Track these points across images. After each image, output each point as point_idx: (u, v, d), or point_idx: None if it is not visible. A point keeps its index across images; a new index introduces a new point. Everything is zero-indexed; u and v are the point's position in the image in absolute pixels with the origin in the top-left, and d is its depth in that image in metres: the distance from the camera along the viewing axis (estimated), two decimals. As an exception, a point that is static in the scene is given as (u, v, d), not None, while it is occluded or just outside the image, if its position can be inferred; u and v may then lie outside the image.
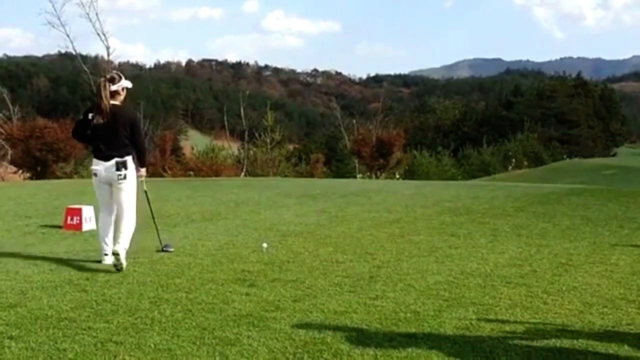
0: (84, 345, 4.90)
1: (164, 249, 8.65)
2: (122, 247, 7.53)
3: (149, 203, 8.62)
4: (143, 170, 8.22)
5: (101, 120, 7.58)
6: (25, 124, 32.35)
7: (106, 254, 7.79)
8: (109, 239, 7.82)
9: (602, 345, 5.11)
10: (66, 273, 7.31)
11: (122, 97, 7.78)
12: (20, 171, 31.98)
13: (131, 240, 7.78)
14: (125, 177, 7.68)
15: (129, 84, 7.83)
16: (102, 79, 7.82)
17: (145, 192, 8.46)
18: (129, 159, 7.74)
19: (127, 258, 7.58)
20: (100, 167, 7.71)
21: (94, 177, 7.86)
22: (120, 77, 7.78)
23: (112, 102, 7.59)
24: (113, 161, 7.65)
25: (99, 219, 8.08)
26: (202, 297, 6.33)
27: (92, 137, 7.73)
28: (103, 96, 7.54)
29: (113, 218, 7.87)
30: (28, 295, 6.30)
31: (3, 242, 9.40)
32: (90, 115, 7.65)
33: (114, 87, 7.63)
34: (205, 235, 10.01)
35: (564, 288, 6.91)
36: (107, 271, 7.40)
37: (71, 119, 33.01)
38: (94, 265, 7.72)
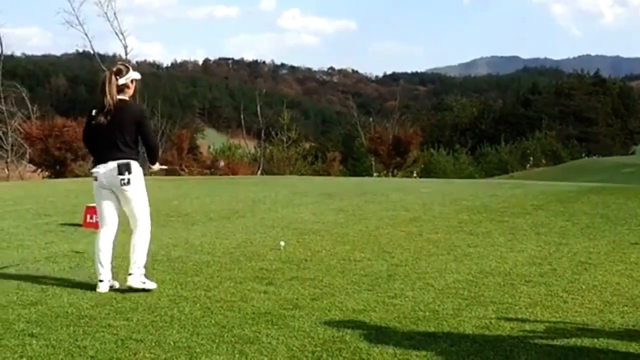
0: (104, 343, 4.92)
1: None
2: (137, 266, 6.60)
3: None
4: (156, 166, 7.14)
5: (103, 118, 6.57)
6: (44, 123, 32.52)
7: (101, 280, 6.57)
8: (106, 261, 6.66)
9: (622, 344, 5.07)
10: (86, 271, 7.36)
11: (131, 91, 6.82)
12: (39, 170, 32.18)
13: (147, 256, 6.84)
14: (128, 182, 6.58)
15: (137, 76, 6.88)
16: (108, 71, 6.86)
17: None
18: (133, 162, 6.64)
19: (149, 279, 6.65)
20: (101, 169, 6.65)
21: (93, 181, 6.79)
22: (128, 69, 6.82)
23: (120, 96, 6.61)
24: (114, 163, 6.56)
25: (97, 235, 6.86)
26: (220, 295, 6.35)
27: (94, 136, 6.73)
28: (107, 91, 6.56)
29: (113, 236, 6.81)
30: (48, 293, 6.34)
31: (23, 240, 9.47)
32: (93, 112, 6.72)
33: (121, 81, 6.64)
34: (223, 234, 10.03)
35: (583, 287, 6.87)
36: (126, 269, 7.41)
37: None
38: (114, 263, 7.74)
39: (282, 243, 8.82)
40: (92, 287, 6.59)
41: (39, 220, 11.37)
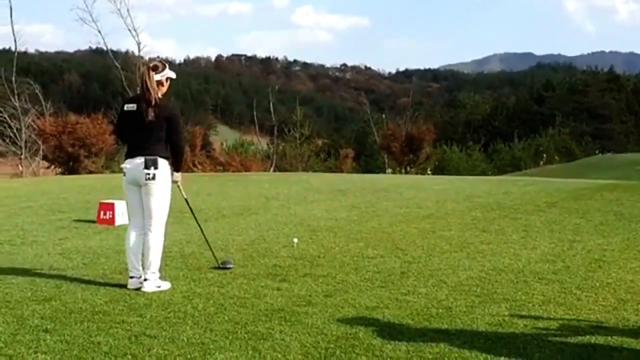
0: (118, 339, 4.94)
1: (222, 265, 7.49)
2: (151, 271, 6.54)
3: (193, 213, 7.72)
4: (178, 175, 6.81)
5: (144, 113, 6.49)
6: (57, 119, 32.64)
7: (131, 277, 6.61)
8: (136, 258, 6.64)
9: (637, 341, 5.05)
10: (100, 267, 7.39)
11: (164, 89, 6.80)
12: (53, 166, 32.31)
13: (161, 260, 6.74)
14: (153, 178, 6.49)
15: (172, 74, 6.85)
16: (145, 67, 6.87)
17: (186, 200, 7.35)
18: (161, 159, 6.56)
19: (162, 279, 6.66)
20: (129, 164, 6.62)
21: (123, 177, 6.74)
22: (165, 66, 6.82)
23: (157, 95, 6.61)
24: (142, 159, 6.51)
25: (127, 232, 6.78)
26: (234, 291, 6.36)
27: (127, 130, 6.70)
28: (149, 86, 6.54)
29: (142, 233, 6.67)
30: (62, 289, 6.37)
31: (37, 236, 9.52)
32: (126, 107, 6.69)
33: (157, 77, 6.64)
34: (236, 230, 10.05)
35: (597, 284, 6.84)
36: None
37: (103, 114, 33.27)
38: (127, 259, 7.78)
39: (295, 240, 8.84)
40: (106, 283, 6.62)
41: (52, 217, 11.43)
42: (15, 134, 33.28)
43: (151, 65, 6.75)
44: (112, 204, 10.69)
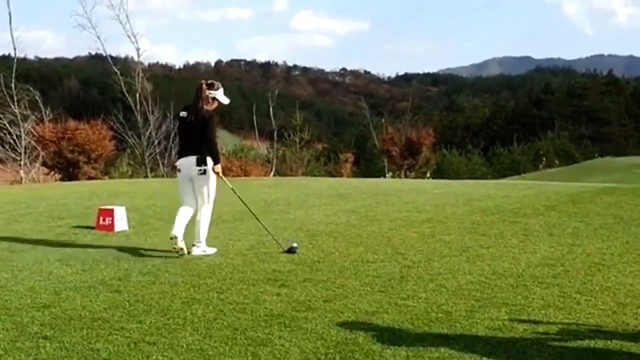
0: (117, 346, 4.94)
1: (289, 250, 8.69)
2: (199, 240, 8.50)
3: (243, 202, 9.28)
4: (218, 167, 8.56)
5: (190, 118, 8.44)
6: (57, 125, 32.61)
7: (172, 237, 8.26)
8: (180, 222, 8.38)
9: (636, 345, 5.05)
10: (99, 274, 7.38)
11: (211, 107, 8.53)
12: (52, 172, 32.28)
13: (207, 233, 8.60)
14: (204, 172, 8.43)
15: (223, 99, 8.64)
16: (202, 81, 8.65)
17: (233, 190, 8.92)
18: (208, 158, 8.44)
19: (208, 246, 8.60)
20: (183, 162, 8.53)
21: (177, 173, 8.74)
22: (219, 88, 8.59)
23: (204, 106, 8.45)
24: (194, 158, 8.41)
25: (180, 208, 8.60)
26: (233, 297, 6.36)
27: (181, 133, 8.75)
28: (200, 97, 8.46)
29: (191, 213, 8.58)
30: (62, 296, 6.37)
31: (37, 243, 9.51)
32: (180, 114, 8.58)
33: (209, 92, 8.47)
34: (235, 235, 10.05)
35: (597, 288, 6.85)
36: (139, 272, 7.46)
37: (102, 120, 33.26)
38: (127, 266, 7.79)
39: (295, 245, 8.83)
40: (106, 289, 6.62)
41: (52, 223, 11.42)
42: (15, 141, 33.23)
43: (208, 82, 8.60)
44: (112, 210, 10.68)
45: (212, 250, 8.56)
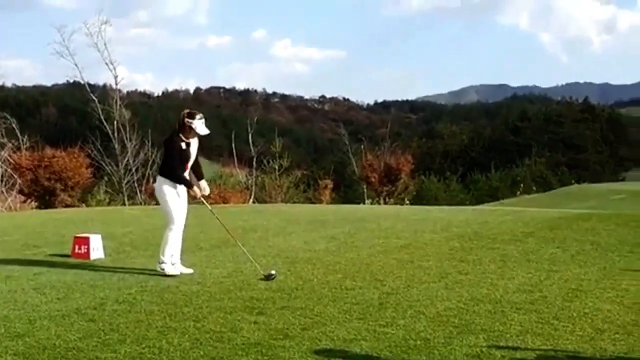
0: (92, 375, 4.86)
1: (267, 277, 8.64)
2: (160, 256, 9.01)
3: (224, 225, 9.79)
4: (192, 192, 9.18)
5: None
6: (34, 153, 32.37)
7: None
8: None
9: (614, 372, 5.05)
10: (74, 302, 7.30)
11: (190, 134, 8.92)
12: (29, 200, 31.99)
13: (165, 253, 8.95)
14: (153, 190, 9.35)
15: (200, 130, 8.91)
16: (185, 110, 9.16)
17: (212, 211, 9.75)
18: (159, 176, 9.12)
19: (165, 266, 8.95)
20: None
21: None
22: (194, 117, 8.92)
23: (181, 131, 8.91)
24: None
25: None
26: (210, 325, 6.30)
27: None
28: (178, 124, 9.03)
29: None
30: (36, 325, 6.28)
31: (12, 271, 9.38)
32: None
33: (187, 121, 8.86)
34: (213, 263, 9.98)
35: (574, 314, 6.86)
36: (115, 300, 7.38)
37: (79, 147, 33.07)
38: (102, 294, 7.71)
39: (273, 272, 8.79)
40: (80, 318, 6.53)
41: (27, 251, 11.29)
42: (-9, 169, 32.93)
43: (190, 111, 9.08)
44: (87, 238, 10.57)
45: (171, 270, 8.89)
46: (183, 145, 8.94)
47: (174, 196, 9.04)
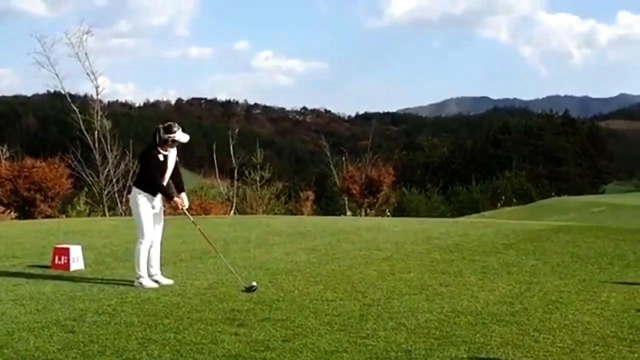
0: (71, 388, 4.82)
1: (248, 289, 8.57)
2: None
3: (205, 236, 9.66)
4: (173, 202, 9.30)
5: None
6: (13, 163, 32.16)
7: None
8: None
9: (594, 383, 5.07)
10: (53, 314, 7.23)
11: (166, 147, 8.99)
12: (8, 211, 31.74)
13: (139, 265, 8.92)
14: (127, 200, 9.07)
15: (182, 139, 8.97)
16: (160, 126, 9.14)
17: (194, 222, 9.72)
18: (134, 187, 9.12)
19: (142, 280, 8.87)
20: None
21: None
22: (175, 130, 8.94)
23: (160, 145, 8.94)
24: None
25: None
26: (190, 337, 6.27)
27: None
28: (154, 138, 9.01)
29: (153, 243, 9.26)
30: (15, 337, 6.22)
31: (-10, 282, 9.29)
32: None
33: (169, 137, 8.89)
34: (194, 274, 9.94)
35: (555, 326, 6.89)
36: (95, 311, 7.33)
37: (60, 158, 32.88)
38: (82, 306, 7.65)
39: (254, 283, 8.76)
40: (60, 329, 6.48)
41: (6, 263, 11.19)
42: (-30, 179, 32.66)
43: (165, 125, 9.00)
44: (67, 249, 10.50)
45: (149, 284, 8.85)
46: (161, 157, 8.96)
47: (147, 209, 9.02)
